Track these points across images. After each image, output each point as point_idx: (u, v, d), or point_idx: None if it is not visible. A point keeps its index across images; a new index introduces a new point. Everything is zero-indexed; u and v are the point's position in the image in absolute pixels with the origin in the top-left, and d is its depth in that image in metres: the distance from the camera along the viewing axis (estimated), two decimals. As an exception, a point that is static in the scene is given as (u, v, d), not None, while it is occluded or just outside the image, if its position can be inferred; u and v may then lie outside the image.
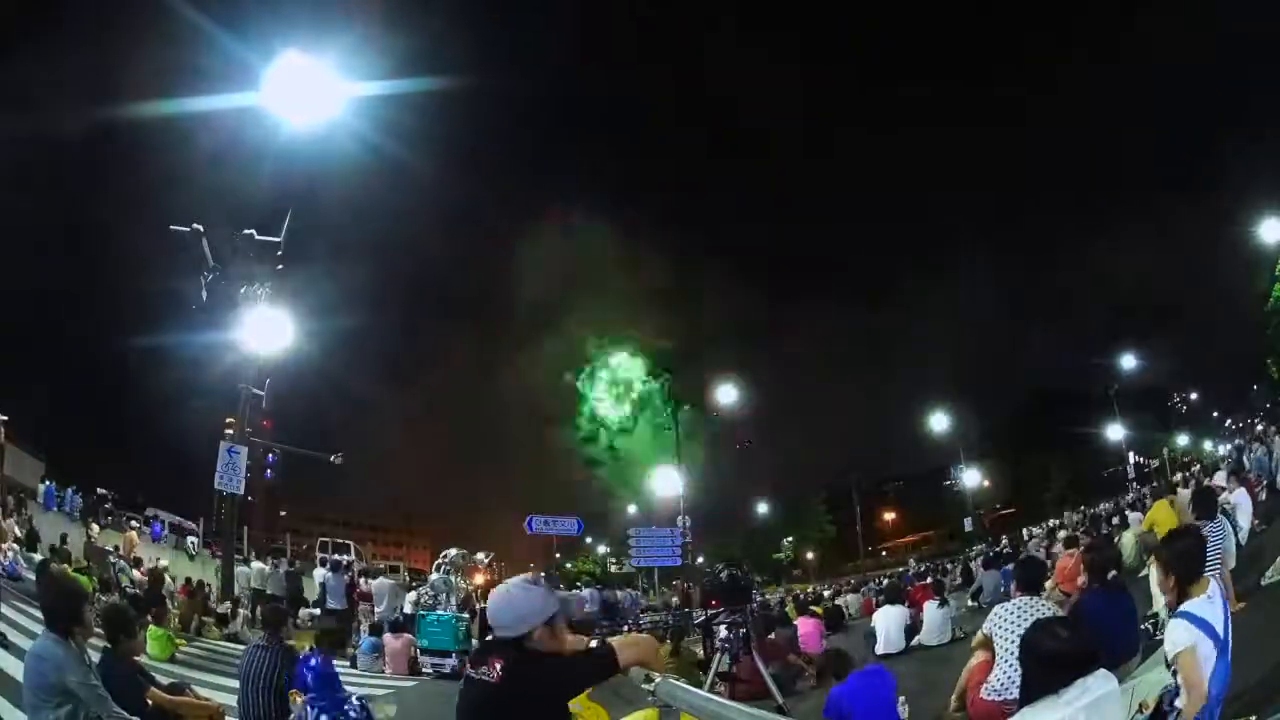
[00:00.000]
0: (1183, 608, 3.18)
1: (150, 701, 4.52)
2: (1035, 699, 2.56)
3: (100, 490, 20.39)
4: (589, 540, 38.50)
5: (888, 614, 10.08)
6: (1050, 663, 2.59)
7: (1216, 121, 35.91)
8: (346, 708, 5.37)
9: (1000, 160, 45.66)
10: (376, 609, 14.15)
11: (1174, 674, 3.11)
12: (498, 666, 2.33)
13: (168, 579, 13.88)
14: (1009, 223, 49.37)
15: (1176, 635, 3.11)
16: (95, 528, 16.69)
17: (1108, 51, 41.47)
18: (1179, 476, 23.90)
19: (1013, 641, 4.64)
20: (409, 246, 42.45)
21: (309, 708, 5.13)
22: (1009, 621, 4.81)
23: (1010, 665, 4.57)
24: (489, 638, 2.52)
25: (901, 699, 5.66)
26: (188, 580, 14.96)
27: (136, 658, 4.90)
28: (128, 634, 4.70)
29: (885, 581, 19.99)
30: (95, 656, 4.27)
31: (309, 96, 14.12)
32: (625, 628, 15.81)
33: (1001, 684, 4.64)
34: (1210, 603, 3.14)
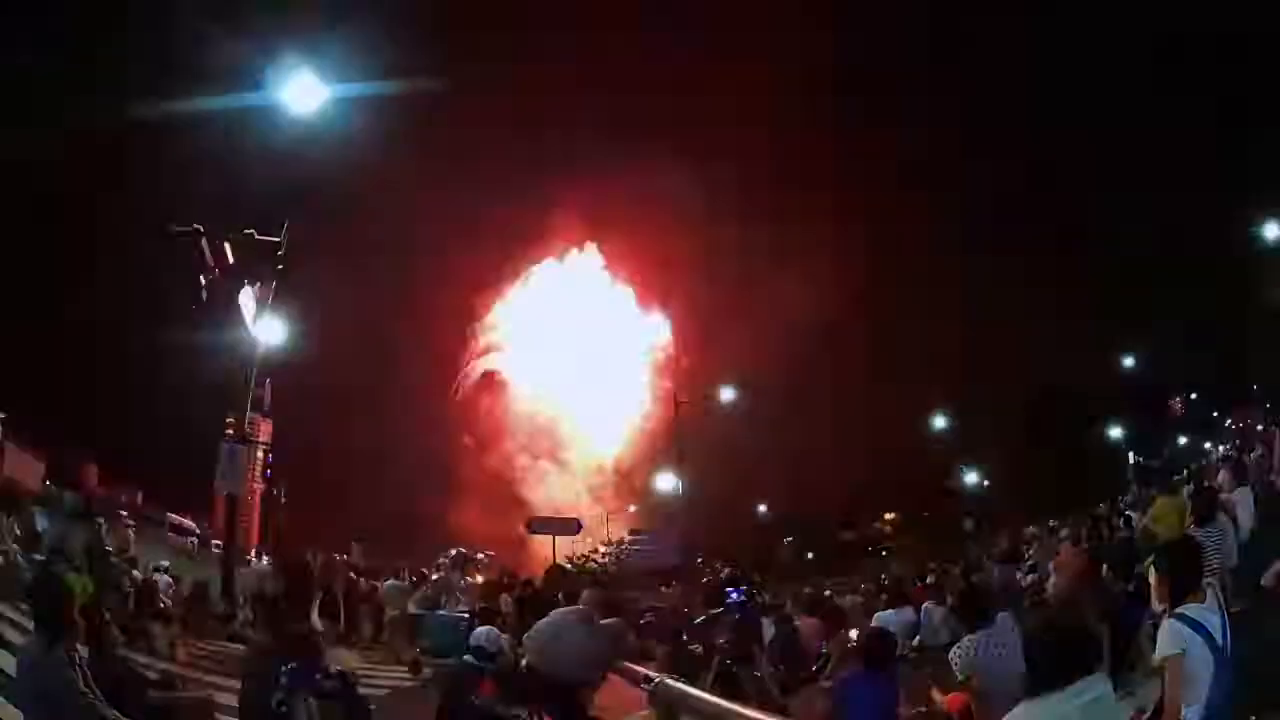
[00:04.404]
0: (1179, 610, 3.17)
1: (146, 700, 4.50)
2: (1036, 694, 2.57)
3: (100, 490, 20.42)
4: (589, 540, 38.53)
5: (887, 615, 10.06)
6: (1052, 659, 2.60)
7: (1219, 118, 35.85)
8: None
9: (995, 156, 45.41)
10: (388, 612, 14.16)
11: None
12: None
13: (166, 579, 13.89)
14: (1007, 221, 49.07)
15: (1166, 639, 3.11)
16: (94, 528, 16.66)
17: (1107, 49, 41.25)
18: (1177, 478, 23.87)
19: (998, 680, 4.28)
20: (411, 245, 42.49)
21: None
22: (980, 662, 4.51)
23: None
24: (527, 667, 2.10)
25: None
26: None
27: (131, 657, 4.89)
28: (120, 634, 4.68)
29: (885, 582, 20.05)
30: (88, 655, 4.26)
31: (311, 96, 14.11)
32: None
33: None
34: (1208, 611, 3.14)
